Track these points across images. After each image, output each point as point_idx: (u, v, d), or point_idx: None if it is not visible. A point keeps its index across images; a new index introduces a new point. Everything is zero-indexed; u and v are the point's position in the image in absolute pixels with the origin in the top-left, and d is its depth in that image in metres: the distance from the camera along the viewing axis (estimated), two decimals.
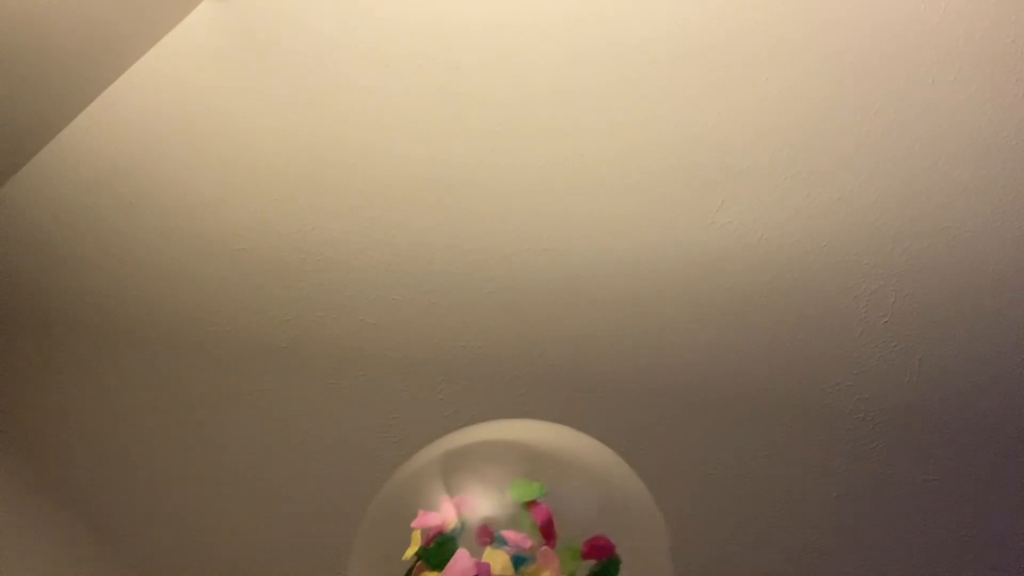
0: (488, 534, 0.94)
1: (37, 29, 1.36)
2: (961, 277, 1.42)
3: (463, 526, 0.94)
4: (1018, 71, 1.33)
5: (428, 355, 1.67)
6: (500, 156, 1.52)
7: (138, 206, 1.65)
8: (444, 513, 0.95)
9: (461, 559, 0.90)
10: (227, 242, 1.64)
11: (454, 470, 1.02)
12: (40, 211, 1.67)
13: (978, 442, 1.47)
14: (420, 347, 1.67)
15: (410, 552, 0.94)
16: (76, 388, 1.78)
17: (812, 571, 1.55)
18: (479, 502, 0.96)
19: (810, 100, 1.41)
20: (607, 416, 1.62)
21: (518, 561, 0.91)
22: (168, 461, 1.77)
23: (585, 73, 1.46)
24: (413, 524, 0.96)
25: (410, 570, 0.94)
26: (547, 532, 0.93)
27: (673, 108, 1.45)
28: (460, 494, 0.97)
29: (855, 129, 1.40)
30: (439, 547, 0.92)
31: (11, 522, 1.80)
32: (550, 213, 1.53)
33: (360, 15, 1.49)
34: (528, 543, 0.92)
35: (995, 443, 1.47)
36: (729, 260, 1.48)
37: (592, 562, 0.95)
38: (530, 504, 0.94)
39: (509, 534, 0.92)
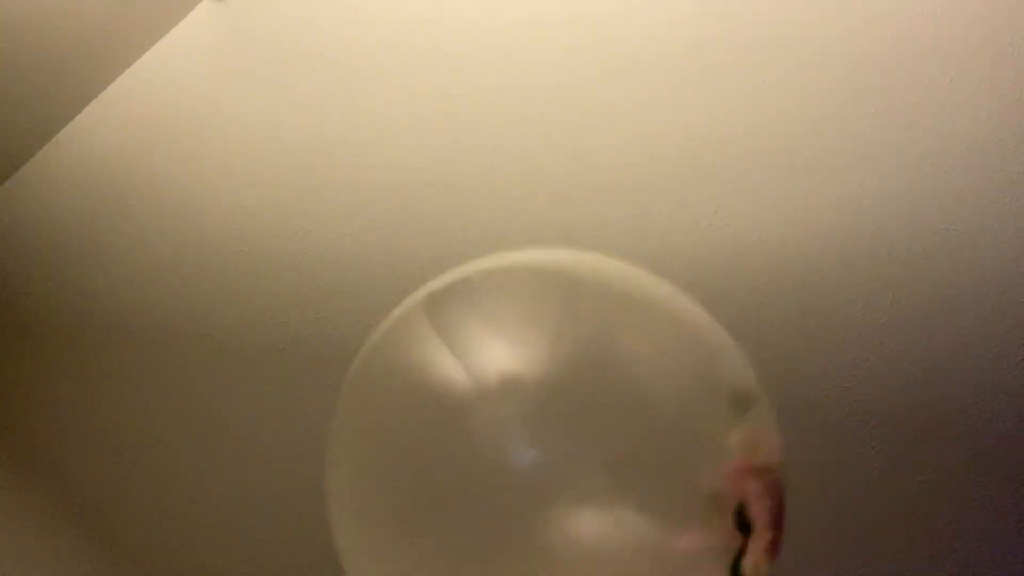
0: None
1: (36, 29, 1.37)
2: (959, 279, 1.42)
3: None
4: (1016, 73, 1.33)
5: None
6: (499, 157, 1.52)
7: (136, 206, 1.65)
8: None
9: None
10: (225, 243, 1.65)
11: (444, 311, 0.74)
12: (39, 211, 1.67)
13: (976, 444, 1.46)
14: None
15: None
16: (73, 388, 1.78)
17: (809, 571, 1.55)
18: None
19: (807, 102, 1.41)
20: None
21: None
22: (165, 461, 1.77)
23: (584, 73, 1.46)
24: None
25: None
26: None
27: (670, 110, 1.45)
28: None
29: (853, 131, 1.40)
30: None
31: (8, 523, 1.79)
32: (549, 214, 1.54)
33: (358, 15, 1.49)
34: None
35: (993, 445, 1.46)
36: (726, 263, 1.48)
37: None
38: None
39: None
